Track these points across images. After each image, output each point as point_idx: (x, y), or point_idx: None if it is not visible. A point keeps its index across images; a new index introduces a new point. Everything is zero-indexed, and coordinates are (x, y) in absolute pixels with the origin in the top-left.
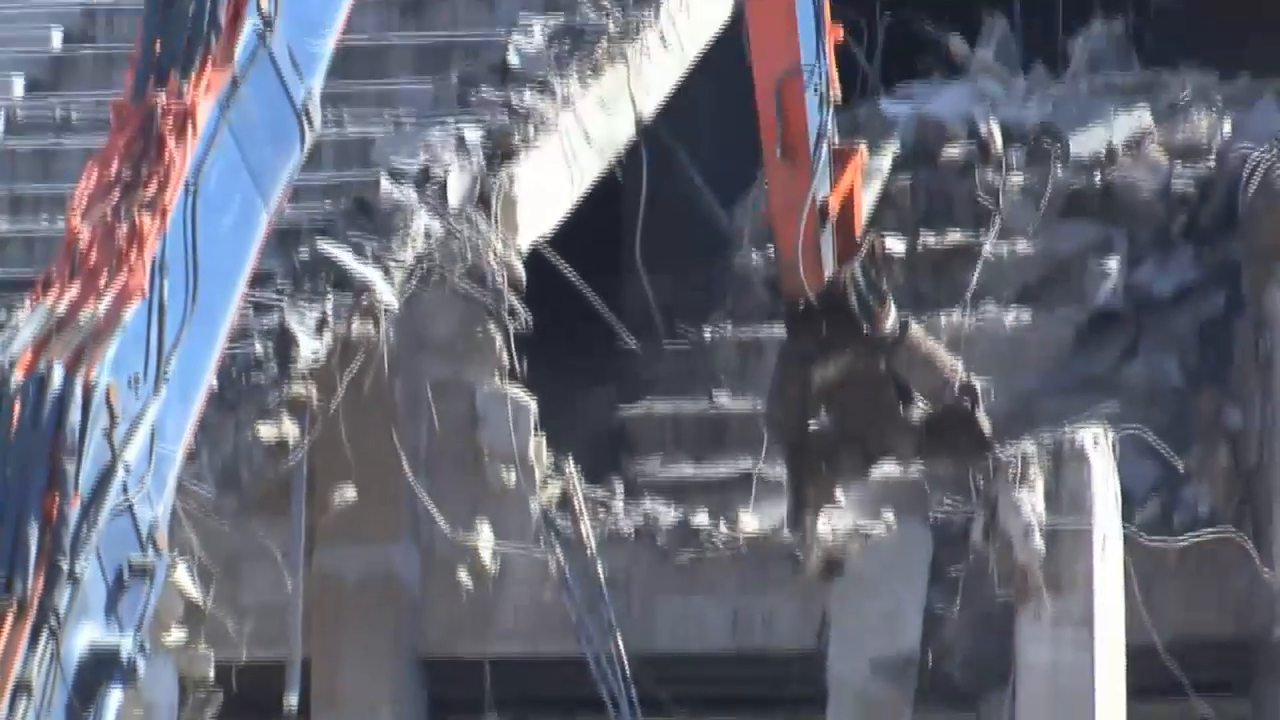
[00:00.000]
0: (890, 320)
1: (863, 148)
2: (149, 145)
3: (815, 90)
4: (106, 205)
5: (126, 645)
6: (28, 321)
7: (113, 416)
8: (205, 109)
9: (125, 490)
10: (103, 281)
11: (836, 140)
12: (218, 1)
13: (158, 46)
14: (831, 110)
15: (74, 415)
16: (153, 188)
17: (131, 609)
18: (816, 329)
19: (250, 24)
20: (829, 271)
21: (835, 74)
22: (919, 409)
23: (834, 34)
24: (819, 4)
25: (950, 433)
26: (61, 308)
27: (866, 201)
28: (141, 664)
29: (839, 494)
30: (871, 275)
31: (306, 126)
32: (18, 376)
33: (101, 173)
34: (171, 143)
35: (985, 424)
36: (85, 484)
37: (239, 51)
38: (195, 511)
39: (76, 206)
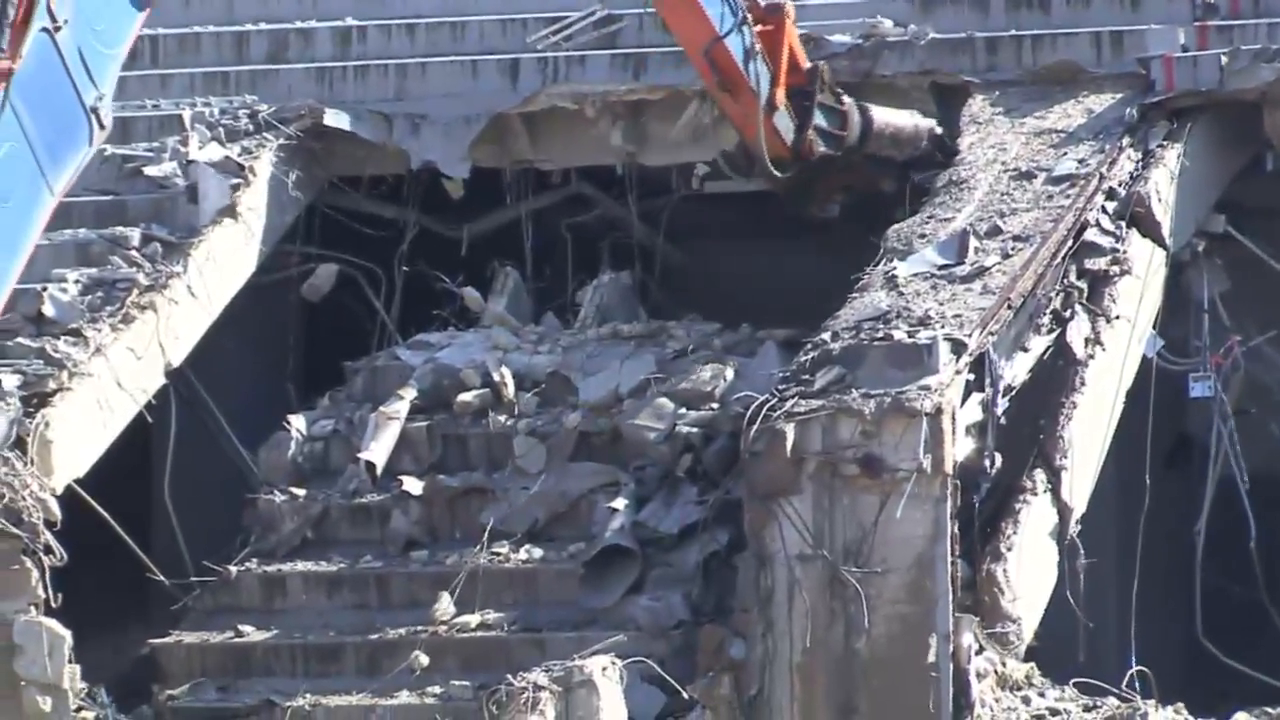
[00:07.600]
0: (854, 126)
1: (788, 5)
2: None
3: (736, 33)
4: None
5: None
6: None
7: None
8: None
9: None
10: None
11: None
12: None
13: None
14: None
15: None
16: None
17: None
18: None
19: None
20: (789, 137)
21: None
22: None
23: None
24: None
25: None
26: None
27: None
28: None
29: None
30: (828, 103)
31: (96, 126)
32: None
33: None
34: None
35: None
36: None
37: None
38: None
39: None
